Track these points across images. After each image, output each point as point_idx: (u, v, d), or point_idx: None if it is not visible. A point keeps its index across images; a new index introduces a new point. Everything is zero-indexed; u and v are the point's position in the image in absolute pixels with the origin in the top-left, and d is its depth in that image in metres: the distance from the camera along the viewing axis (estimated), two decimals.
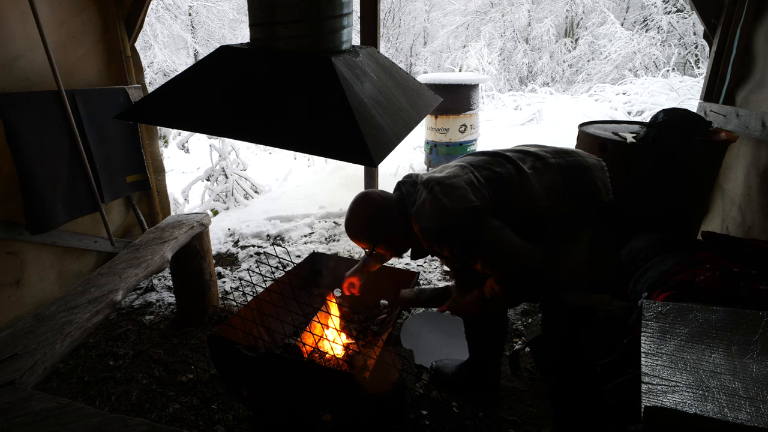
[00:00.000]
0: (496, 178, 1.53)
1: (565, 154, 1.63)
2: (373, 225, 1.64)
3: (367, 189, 1.74)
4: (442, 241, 1.52)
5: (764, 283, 1.52)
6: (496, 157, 1.62)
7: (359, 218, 1.66)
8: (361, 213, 1.66)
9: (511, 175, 1.54)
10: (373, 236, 1.66)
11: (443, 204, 1.46)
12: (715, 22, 2.66)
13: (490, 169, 1.56)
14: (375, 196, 1.69)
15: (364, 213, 1.66)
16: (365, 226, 1.66)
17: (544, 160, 1.59)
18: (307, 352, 1.72)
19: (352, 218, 1.68)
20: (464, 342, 2.06)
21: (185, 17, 14.75)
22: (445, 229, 1.49)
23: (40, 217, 2.32)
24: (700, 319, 1.21)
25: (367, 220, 1.65)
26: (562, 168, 1.57)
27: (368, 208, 1.66)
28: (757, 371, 1.02)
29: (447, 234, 1.49)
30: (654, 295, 1.69)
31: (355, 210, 1.68)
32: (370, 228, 1.65)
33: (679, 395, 0.96)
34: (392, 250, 1.76)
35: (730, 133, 2.40)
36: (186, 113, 1.31)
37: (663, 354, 1.09)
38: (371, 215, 1.64)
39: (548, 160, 1.59)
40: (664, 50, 12.13)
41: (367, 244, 1.69)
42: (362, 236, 1.68)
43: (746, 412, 0.91)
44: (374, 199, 1.67)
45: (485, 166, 1.58)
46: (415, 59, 17.51)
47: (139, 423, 1.20)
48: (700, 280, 1.61)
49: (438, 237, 1.52)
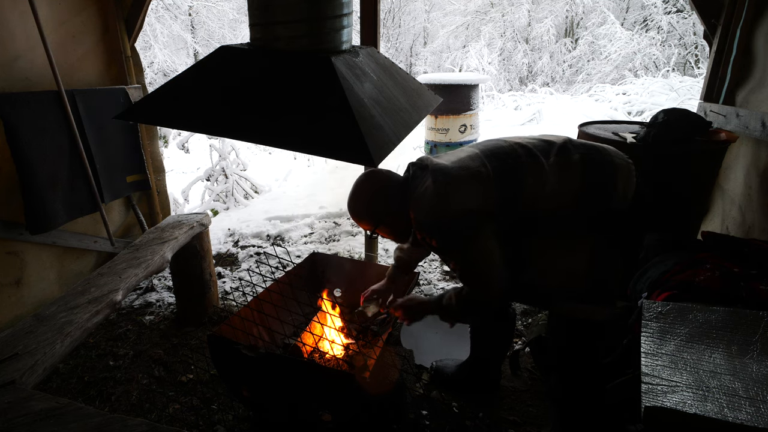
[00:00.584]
0: (508, 172, 1.46)
1: (594, 150, 1.53)
2: (375, 204, 1.57)
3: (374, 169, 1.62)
4: (431, 234, 1.50)
5: (764, 283, 1.52)
6: (515, 147, 1.52)
7: (360, 196, 1.59)
8: (363, 190, 1.59)
9: (524, 170, 1.46)
10: (374, 216, 1.59)
11: (442, 201, 1.42)
12: (715, 22, 2.65)
13: (504, 161, 1.48)
14: (380, 174, 1.61)
15: (367, 191, 1.59)
16: (366, 204, 1.59)
17: (568, 155, 1.49)
18: (307, 352, 1.72)
19: (353, 195, 1.60)
20: (464, 342, 2.06)
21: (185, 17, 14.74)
22: (437, 226, 1.47)
23: (40, 217, 2.32)
24: (700, 319, 1.21)
25: (369, 199, 1.58)
26: (585, 165, 1.48)
27: (371, 186, 1.59)
28: (757, 371, 1.02)
29: (437, 230, 1.48)
30: (654, 295, 1.69)
31: (358, 186, 1.60)
32: (371, 207, 1.58)
33: (679, 395, 0.96)
34: (395, 234, 1.68)
35: (730, 133, 2.40)
36: (186, 113, 1.31)
37: (663, 354, 1.09)
38: (373, 194, 1.58)
39: (572, 156, 1.49)
40: (664, 50, 12.12)
41: (368, 225, 1.62)
42: (363, 215, 1.60)
43: (746, 412, 0.91)
44: (379, 177, 1.60)
45: (500, 156, 1.50)
46: (415, 59, 17.50)
47: (139, 423, 1.20)
48: (700, 280, 1.60)
49: (429, 230, 1.50)
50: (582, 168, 1.47)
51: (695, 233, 2.59)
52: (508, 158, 1.49)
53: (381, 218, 1.59)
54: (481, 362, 2.04)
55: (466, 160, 1.50)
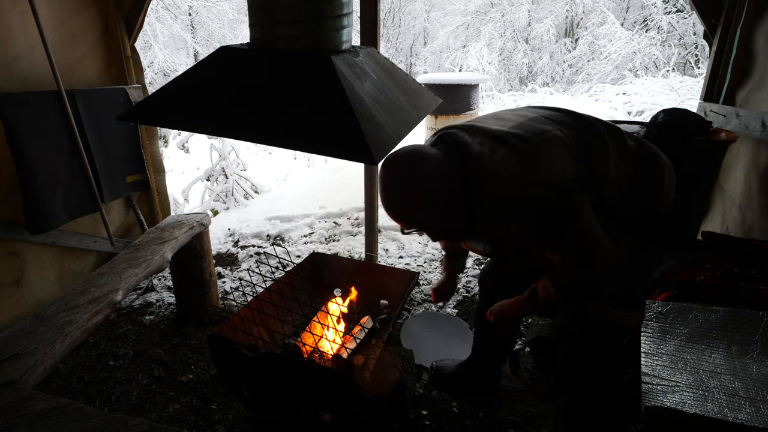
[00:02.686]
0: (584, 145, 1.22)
1: (638, 139, 1.36)
2: (431, 203, 1.20)
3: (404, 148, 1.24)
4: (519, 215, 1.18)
5: (764, 283, 1.52)
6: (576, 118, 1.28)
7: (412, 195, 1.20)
8: (414, 185, 1.19)
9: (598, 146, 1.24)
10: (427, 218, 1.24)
11: (533, 168, 1.14)
12: (715, 22, 2.65)
13: (578, 131, 1.23)
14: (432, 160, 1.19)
15: (420, 186, 1.18)
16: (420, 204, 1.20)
17: (623, 140, 1.29)
18: (307, 352, 1.72)
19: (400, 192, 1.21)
20: (464, 342, 2.06)
21: (185, 17, 14.74)
22: (529, 199, 1.15)
23: (40, 217, 2.32)
24: (700, 319, 1.21)
25: (424, 198, 1.19)
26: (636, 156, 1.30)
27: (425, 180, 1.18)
28: (757, 371, 1.02)
29: (530, 207, 1.16)
30: (654, 295, 1.69)
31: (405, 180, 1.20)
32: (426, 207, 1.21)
33: (680, 395, 0.96)
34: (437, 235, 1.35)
35: (730, 133, 2.40)
36: (186, 114, 1.31)
37: (663, 354, 1.09)
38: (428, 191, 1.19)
39: (627, 142, 1.30)
40: (664, 50, 12.13)
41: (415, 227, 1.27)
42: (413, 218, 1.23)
43: (746, 413, 0.91)
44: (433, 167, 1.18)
45: (570, 124, 1.25)
46: (415, 59, 17.50)
47: (139, 423, 1.20)
48: (700, 280, 1.60)
49: (517, 209, 1.17)
50: (634, 158, 1.31)
51: (695, 233, 2.59)
52: (581, 130, 1.26)
53: (433, 219, 1.25)
54: (481, 362, 2.04)
55: (534, 123, 1.23)
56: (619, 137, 1.31)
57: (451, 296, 1.82)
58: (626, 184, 1.31)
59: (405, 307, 1.93)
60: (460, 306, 2.81)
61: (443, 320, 2.61)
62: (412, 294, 2.94)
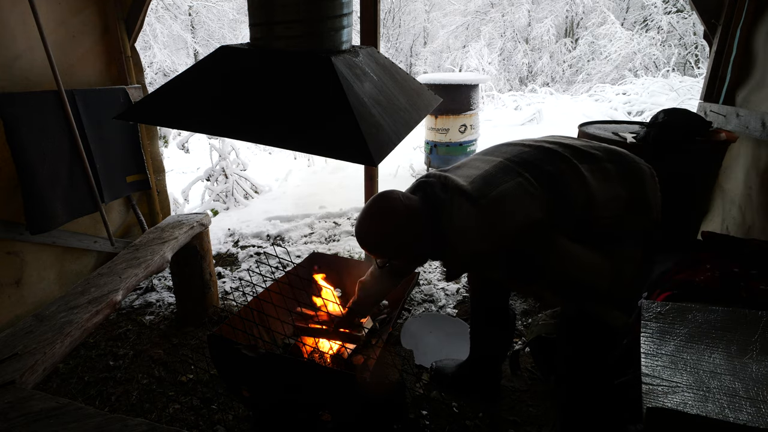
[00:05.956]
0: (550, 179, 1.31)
1: (615, 155, 1.42)
2: (394, 239, 1.38)
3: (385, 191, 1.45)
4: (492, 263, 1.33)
5: (764, 283, 1.52)
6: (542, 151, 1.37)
7: (376, 231, 1.38)
8: (379, 225, 1.38)
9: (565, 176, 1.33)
10: (393, 251, 1.42)
11: (496, 224, 1.26)
12: (715, 22, 2.65)
13: (540, 168, 1.32)
14: (397, 204, 1.38)
15: (384, 226, 1.37)
16: (385, 240, 1.39)
17: (600, 164, 1.36)
18: (307, 352, 1.72)
19: (366, 230, 1.40)
20: (464, 342, 2.06)
21: (185, 17, 14.75)
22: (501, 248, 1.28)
23: (40, 217, 2.32)
24: (700, 319, 1.21)
25: (387, 234, 1.37)
26: (620, 176, 1.37)
27: (389, 220, 1.37)
28: (757, 371, 1.02)
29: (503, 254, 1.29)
30: (654, 295, 1.69)
31: (372, 220, 1.39)
32: (390, 243, 1.39)
33: (680, 396, 0.96)
34: (410, 264, 1.54)
35: (730, 133, 2.40)
36: (186, 113, 1.31)
37: (663, 354, 1.09)
38: (391, 229, 1.37)
39: (605, 164, 1.37)
40: (664, 50, 12.14)
41: (384, 258, 1.47)
42: (379, 251, 1.43)
43: (747, 413, 0.91)
44: (396, 208, 1.37)
45: (533, 162, 1.34)
46: (415, 59, 17.51)
47: (139, 423, 1.20)
48: (700, 280, 1.60)
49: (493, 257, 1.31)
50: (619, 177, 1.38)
51: (695, 233, 2.59)
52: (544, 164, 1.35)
53: (400, 252, 1.41)
54: (480, 362, 2.04)
55: (496, 172, 1.34)
56: (591, 161, 1.37)
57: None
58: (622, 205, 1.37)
59: (405, 307, 1.93)
60: (460, 306, 2.81)
61: (443, 320, 2.61)
62: (412, 294, 2.94)
